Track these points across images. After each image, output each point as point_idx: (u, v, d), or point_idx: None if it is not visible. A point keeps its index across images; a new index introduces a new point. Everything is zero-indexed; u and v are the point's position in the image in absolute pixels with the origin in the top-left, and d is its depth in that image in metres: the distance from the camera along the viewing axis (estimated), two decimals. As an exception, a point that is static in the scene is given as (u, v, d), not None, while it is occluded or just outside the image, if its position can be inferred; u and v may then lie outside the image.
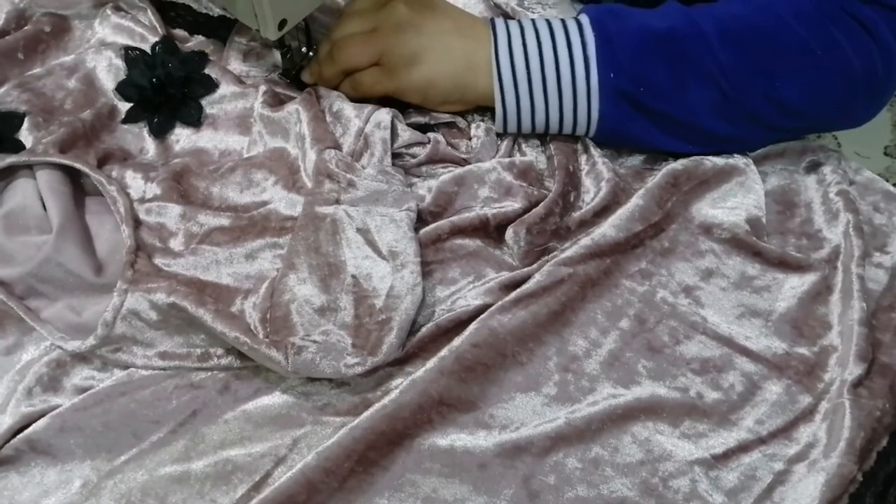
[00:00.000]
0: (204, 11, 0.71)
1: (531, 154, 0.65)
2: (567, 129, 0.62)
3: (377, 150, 0.60)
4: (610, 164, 0.63)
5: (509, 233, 0.59)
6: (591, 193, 0.63)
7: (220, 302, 0.54)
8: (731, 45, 0.60)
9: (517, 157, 0.63)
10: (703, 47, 0.59)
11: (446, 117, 0.65)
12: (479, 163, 0.62)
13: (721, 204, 0.62)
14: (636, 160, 0.66)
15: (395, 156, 0.62)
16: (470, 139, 0.65)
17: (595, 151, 0.64)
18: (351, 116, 0.61)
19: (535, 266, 0.57)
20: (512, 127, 0.63)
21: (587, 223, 0.61)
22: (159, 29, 0.68)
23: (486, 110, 0.66)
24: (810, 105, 0.63)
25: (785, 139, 0.66)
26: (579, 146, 0.65)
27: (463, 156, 0.63)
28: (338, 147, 0.60)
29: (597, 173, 0.63)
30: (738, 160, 0.64)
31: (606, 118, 0.61)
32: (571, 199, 0.62)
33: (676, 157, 0.64)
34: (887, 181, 0.68)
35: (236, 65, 0.68)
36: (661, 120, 0.61)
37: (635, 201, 0.60)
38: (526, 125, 0.62)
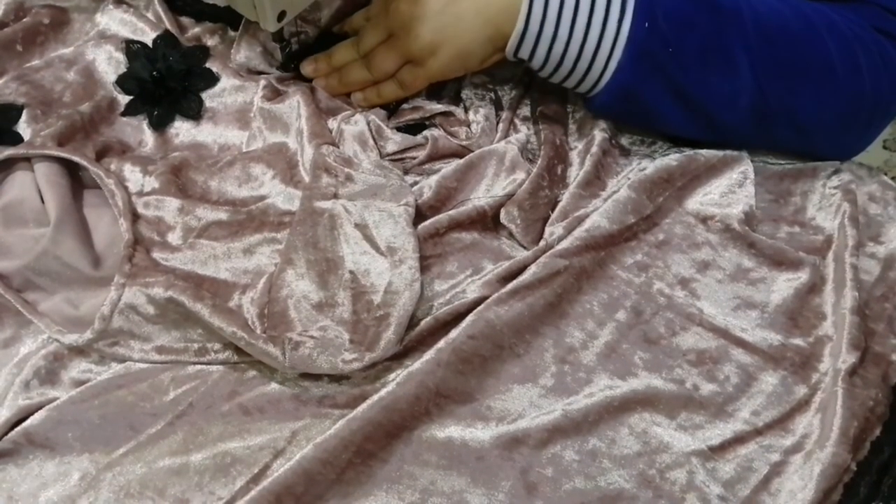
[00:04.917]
0: (210, 1, 0.71)
1: (524, 133, 0.64)
2: (578, 74, 0.60)
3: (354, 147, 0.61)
4: (606, 137, 0.64)
5: (503, 214, 0.59)
6: (576, 167, 0.63)
7: (218, 297, 0.54)
8: (764, 38, 0.58)
9: (512, 137, 0.63)
10: (740, 29, 0.57)
11: (441, 108, 0.65)
12: (479, 151, 0.62)
13: (715, 197, 0.62)
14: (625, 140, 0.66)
15: (395, 159, 0.62)
16: (469, 126, 0.65)
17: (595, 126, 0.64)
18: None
19: (531, 256, 0.57)
20: (525, 52, 0.59)
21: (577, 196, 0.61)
22: (164, 17, 0.68)
23: (483, 95, 0.66)
24: (818, 124, 0.61)
25: (774, 155, 0.65)
26: (571, 122, 0.65)
27: (464, 143, 0.63)
28: (334, 144, 0.60)
29: (587, 141, 0.63)
30: (731, 152, 0.64)
31: (623, 71, 0.58)
32: (559, 171, 0.62)
33: (669, 145, 0.64)
34: (885, 175, 0.67)
35: (240, 55, 0.68)
36: (674, 93, 0.59)
37: (627, 193, 0.60)
38: (539, 55, 0.59)
